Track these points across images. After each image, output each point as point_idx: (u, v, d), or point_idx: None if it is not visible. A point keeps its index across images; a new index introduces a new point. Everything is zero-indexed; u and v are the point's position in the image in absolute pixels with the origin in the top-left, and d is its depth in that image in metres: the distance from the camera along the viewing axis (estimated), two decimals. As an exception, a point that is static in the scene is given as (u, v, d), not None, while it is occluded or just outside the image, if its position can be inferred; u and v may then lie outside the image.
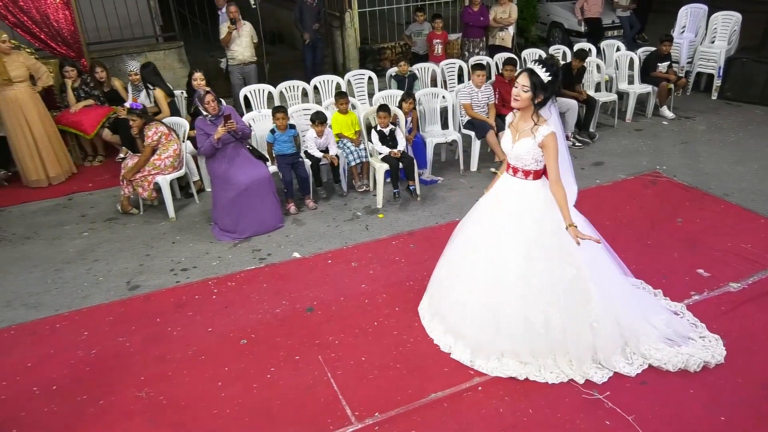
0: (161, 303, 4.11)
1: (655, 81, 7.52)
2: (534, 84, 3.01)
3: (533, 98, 3.03)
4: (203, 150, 4.90)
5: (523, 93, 3.04)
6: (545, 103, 3.06)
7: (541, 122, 3.05)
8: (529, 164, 3.16)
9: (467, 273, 3.39)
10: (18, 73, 5.73)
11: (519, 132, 3.16)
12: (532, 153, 3.10)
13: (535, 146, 3.07)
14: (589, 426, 2.95)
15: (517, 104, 3.10)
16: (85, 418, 3.12)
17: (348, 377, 3.33)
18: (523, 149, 3.11)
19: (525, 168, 3.19)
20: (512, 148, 3.18)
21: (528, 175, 3.20)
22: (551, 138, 3.01)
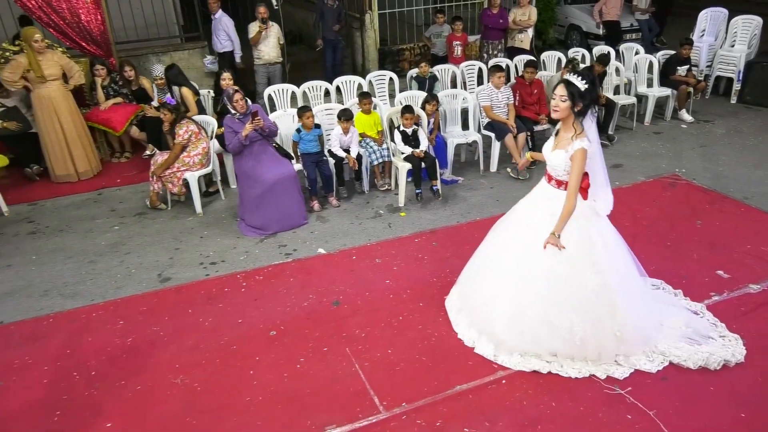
0: (192, 295, 4.25)
1: (674, 84, 7.56)
2: (571, 93, 3.08)
3: (572, 107, 3.10)
4: (231, 147, 5.04)
5: (561, 103, 3.11)
6: (586, 112, 3.13)
7: (579, 135, 3.11)
8: (561, 175, 3.23)
9: (497, 272, 3.48)
10: (52, 71, 5.90)
11: (558, 141, 3.23)
12: (564, 165, 3.17)
13: (567, 159, 3.14)
14: (611, 419, 3.03)
15: (556, 114, 3.16)
16: (124, 402, 3.26)
17: (375, 368, 3.44)
18: (557, 160, 3.19)
19: (558, 177, 3.26)
20: (549, 156, 3.26)
21: (560, 185, 3.27)
22: (580, 153, 3.08)
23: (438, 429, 3.01)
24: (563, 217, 3.16)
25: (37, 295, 4.33)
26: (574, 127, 3.14)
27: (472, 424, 3.03)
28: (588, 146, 3.10)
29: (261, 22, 7.28)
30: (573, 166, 3.11)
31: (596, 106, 3.22)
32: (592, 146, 3.14)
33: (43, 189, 6.15)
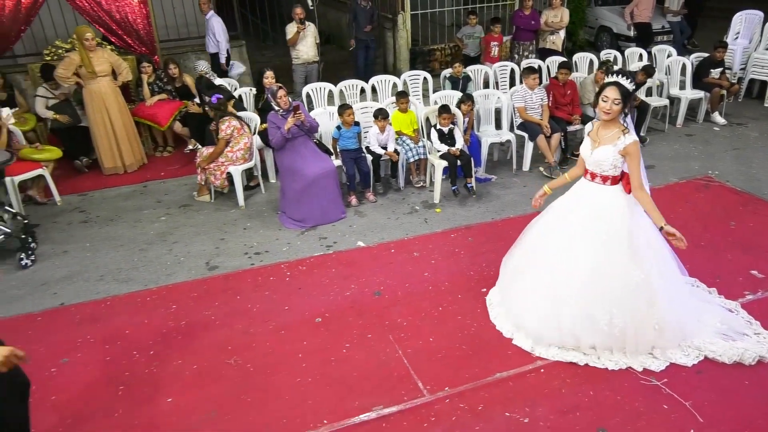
0: (240, 282, 4.46)
1: (707, 87, 7.57)
2: (624, 95, 3.19)
3: (623, 107, 3.22)
4: (275, 142, 5.24)
5: (615, 106, 3.20)
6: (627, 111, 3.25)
7: (625, 131, 3.23)
8: (607, 170, 3.35)
9: (535, 267, 3.61)
10: (102, 68, 6.17)
11: (600, 139, 3.34)
12: (612, 160, 3.28)
13: (616, 153, 3.25)
14: (647, 409, 3.14)
15: (608, 117, 3.24)
16: (182, 380, 3.47)
17: (417, 355, 3.60)
18: (602, 155, 3.30)
19: (603, 173, 3.37)
20: (591, 155, 3.37)
21: (606, 181, 3.38)
22: (634, 146, 3.20)
23: (480, 413, 3.16)
24: (652, 211, 3.23)
25: (93, 279, 4.58)
26: (619, 125, 3.26)
27: (513, 409, 3.17)
28: (636, 138, 3.23)
29: (299, 23, 7.48)
30: (631, 160, 3.22)
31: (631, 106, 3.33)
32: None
33: (91, 180, 6.43)
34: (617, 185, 3.39)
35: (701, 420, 3.05)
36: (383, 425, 3.10)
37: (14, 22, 6.63)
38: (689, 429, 3.01)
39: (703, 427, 3.02)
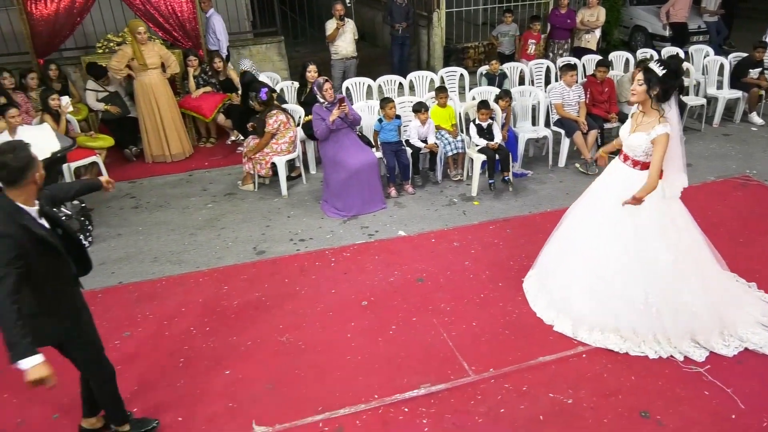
0: (287, 267, 4.64)
1: (745, 87, 7.54)
2: (648, 79, 3.30)
3: (648, 91, 3.32)
4: (319, 133, 5.41)
5: (638, 86, 3.34)
6: (667, 97, 3.34)
7: (662, 120, 3.33)
8: (639, 155, 3.45)
9: (575, 252, 3.73)
10: (153, 60, 6.42)
11: (638, 124, 3.45)
12: (644, 146, 3.39)
13: (648, 141, 3.36)
14: (689, 395, 3.23)
15: (633, 98, 3.39)
16: (238, 354, 3.66)
17: (462, 338, 3.74)
18: (636, 141, 3.41)
19: (635, 158, 3.48)
20: (627, 138, 3.48)
21: (636, 165, 3.49)
22: (663, 138, 3.29)
23: (524, 393, 3.28)
24: (645, 189, 3.34)
25: (148, 261, 4.81)
26: (656, 110, 3.35)
27: (556, 391, 3.29)
28: (670, 131, 3.31)
29: (339, 19, 7.65)
30: (656, 149, 3.31)
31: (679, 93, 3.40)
32: (674, 131, 3.35)
33: (139, 169, 6.70)
34: (646, 171, 3.46)
35: (742, 406, 3.14)
36: (431, 401, 3.25)
37: (69, 17, 6.93)
38: (731, 414, 3.10)
39: (744, 413, 3.10)
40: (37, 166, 2.45)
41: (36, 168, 2.44)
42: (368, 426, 3.10)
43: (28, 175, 2.39)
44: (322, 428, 3.09)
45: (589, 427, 3.06)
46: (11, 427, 3.19)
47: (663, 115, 3.34)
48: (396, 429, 3.08)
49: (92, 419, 3.05)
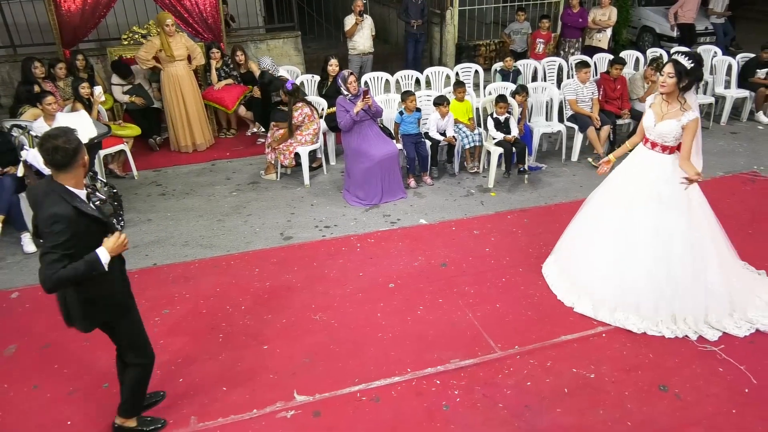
0: (314, 251, 4.83)
1: (753, 87, 7.73)
2: (678, 72, 3.49)
3: (678, 83, 3.51)
4: (343, 124, 5.59)
5: (669, 79, 3.53)
6: (690, 87, 3.53)
7: (687, 107, 3.52)
8: (669, 141, 3.64)
9: (599, 233, 3.92)
10: (180, 52, 6.59)
11: (663, 113, 3.63)
12: (675, 133, 3.58)
13: (679, 127, 3.55)
14: (704, 371, 3.43)
15: (664, 89, 3.58)
16: (274, 331, 3.85)
17: (486, 318, 3.93)
18: (667, 128, 3.59)
19: (665, 143, 3.66)
20: (655, 127, 3.66)
21: (665, 150, 3.68)
22: (695, 122, 3.49)
23: (549, 368, 3.47)
24: (689, 169, 3.56)
25: (179, 244, 4.99)
26: (679, 100, 3.54)
27: (579, 367, 3.48)
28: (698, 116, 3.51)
29: (358, 15, 7.83)
30: (687, 134, 3.51)
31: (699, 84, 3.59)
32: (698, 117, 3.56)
33: (164, 158, 6.88)
34: (674, 154, 3.66)
35: (755, 381, 3.33)
36: (461, 374, 3.44)
37: (95, 10, 7.10)
38: (744, 389, 3.29)
39: (757, 387, 3.29)
40: (83, 150, 2.57)
41: (84, 152, 2.57)
42: (403, 396, 3.28)
43: (78, 158, 2.52)
44: (359, 398, 3.28)
45: (611, 399, 3.24)
46: (63, 396, 3.37)
47: (686, 103, 3.53)
48: (429, 399, 3.26)
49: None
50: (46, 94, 5.20)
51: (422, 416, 3.15)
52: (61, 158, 2.47)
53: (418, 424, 3.10)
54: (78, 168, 2.56)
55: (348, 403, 3.25)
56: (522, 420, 3.12)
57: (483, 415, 3.15)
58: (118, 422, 3.09)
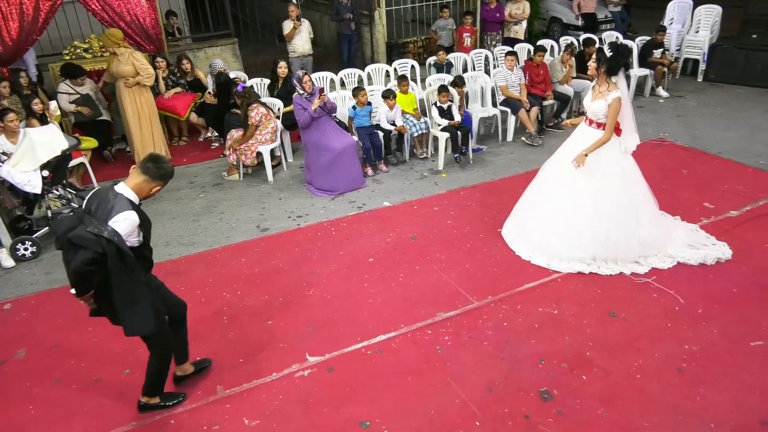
0: (293, 238, 5.21)
1: (651, 65, 8.82)
2: (598, 59, 4.19)
3: (598, 68, 4.21)
4: (302, 121, 5.99)
5: (592, 63, 4.22)
6: (615, 72, 4.22)
7: (612, 88, 4.21)
8: (600, 118, 4.32)
9: (549, 200, 4.57)
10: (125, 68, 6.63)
11: (597, 94, 4.32)
12: (603, 111, 4.27)
13: (606, 106, 4.24)
14: (643, 298, 4.15)
15: (590, 72, 4.28)
16: (274, 308, 4.22)
17: (460, 277, 4.49)
18: (597, 107, 4.28)
19: (598, 120, 4.35)
20: (590, 105, 4.35)
21: (600, 126, 4.36)
22: (617, 101, 4.19)
23: (519, 310, 4.08)
24: (596, 144, 4.26)
25: (161, 245, 5.21)
26: (607, 82, 4.24)
27: (544, 306, 4.11)
28: (621, 96, 4.21)
29: (296, 20, 8.21)
30: (610, 111, 4.21)
31: (626, 69, 4.31)
32: (624, 98, 4.25)
33: (120, 169, 6.94)
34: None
35: (682, 301, 4.09)
36: (447, 324, 3.97)
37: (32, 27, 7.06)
38: (674, 307, 4.04)
39: (684, 305, 4.05)
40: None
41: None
42: (402, 346, 3.78)
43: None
44: (365, 353, 3.74)
45: (573, 327, 3.89)
46: (88, 383, 3.60)
47: (615, 86, 4.23)
48: (425, 346, 3.77)
49: (184, 366, 3.50)
50: (8, 112, 5.25)
51: (422, 360, 3.66)
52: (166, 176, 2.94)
53: (420, 366, 3.60)
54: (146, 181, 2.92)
55: (356, 358, 3.70)
56: (505, 352, 3.70)
57: (472, 353, 3.70)
58: (143, 400, 3.38)
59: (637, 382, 3.41)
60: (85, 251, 2.68)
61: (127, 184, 2.87)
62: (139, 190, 2.87)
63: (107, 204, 2.78)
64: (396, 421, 3.20)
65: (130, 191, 2.86)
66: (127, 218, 2.76)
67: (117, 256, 2.72)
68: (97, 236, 2.68)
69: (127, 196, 2.84)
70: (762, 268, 4.42)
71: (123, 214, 2.75)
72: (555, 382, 3.43)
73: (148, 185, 2.88)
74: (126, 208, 2.77)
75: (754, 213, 5.24)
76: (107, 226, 2.72)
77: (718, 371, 3.46)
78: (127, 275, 2.81)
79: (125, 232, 2.76)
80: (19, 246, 5.01)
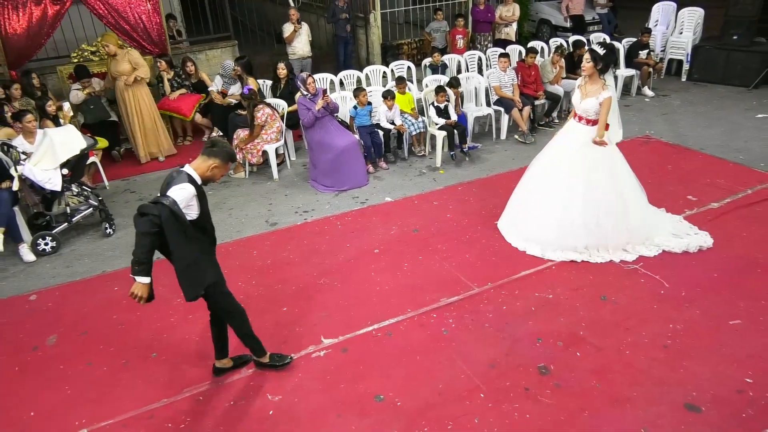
0: (301, 232, 5.49)
1: (637, 66, 9.19)
2: (594, 58, 4.51)
3: (595, 66, 4.52)
4: (306, 121, 6.28)
5: (587, 64, 4.54)
6: (606, 70, 4.55)
7: (605, 87, 4.54)
8: (591, 115, 4.64)
9: (542, 193, 4.88)
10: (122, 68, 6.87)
11: (587, 92, 4.63)
12: (594, 109, 4.59)
13: (597, 104, 4.56)
14: (632, 282, 4.48)
15: (585, 72, 4.58)
16: (288, 296, 4.50)
17: (461, 266, 4.79)
18: (588, 105, 4.60)
19: (588, 117, 4.67)
20: (580, 104, 4.66)
21: (589, 123, 4.69)
22: (608, 100, 4.51)
23: (517, 295, 4.39)
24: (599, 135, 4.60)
25: (174, 239, 5.45)
26: (600, 80, 4.56)
27: (539, 291, 4.42)
28: (612, 94, 4.54)
29: (296, 23, 8.48)
30: (603, 109, 4.53)
31: (614, 67, 4.63)
32: (613, 94, 4.58)
33: (127, 168, 7.21)
34: (596, 125, 4.69)
35: (667, 285, 4.42)
36: (451, 308, 4.27)
37: (40, 30, 7.29)
38: (660, 291, 4.37)
39: (669, 289, 4.38)
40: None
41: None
42: (410, 328, 4.07)
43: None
44: (375, 335, 4.03)
45: (567, 310, 4.21)
46: (119, 366, 3.86)
47: (605, 84, 4.55)
48: (431, 328, 4.07)
49: (224, 360, 3.74)
50: (26, 113, 5.47)
51: (429, 341, 3.96)
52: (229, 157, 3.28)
53: (427, 346, 3.90)
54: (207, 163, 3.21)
55: (367, 339, 3.99)
56: (505, 333, 4.00)
57: (475, 333, 4.01)
58: (256, 358, 3.70)
59: (626, 358, 3.73)
60: (146, 216, 2.99)
61: (191, 165, 3.19)
62: (198, 167, 3.18)
63: (171, 180, 3.12)
64: (407, 394, 3.50)
65: (192, 169, 3.18)
66: (183, 188, 3.06)
67: (172, 218, 3.01)
68: (155, 203, 3.02)
69: (188, 172, 3.16)
70: (740, 255, 4.77)
71: (180, 185, 3.07)
72: (551, 358, 3.74)
73: (205, 163, 3.18)
74: (183, 181, 3.09)
75: (734, 205, 5.59)
76: (167, 196, 3.03)
77: (699, 347, 3.79)
78: (183, 240, 3.09)
79: (181, 200, 3.04)
80: (40, 241, 5.25)
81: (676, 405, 3.35)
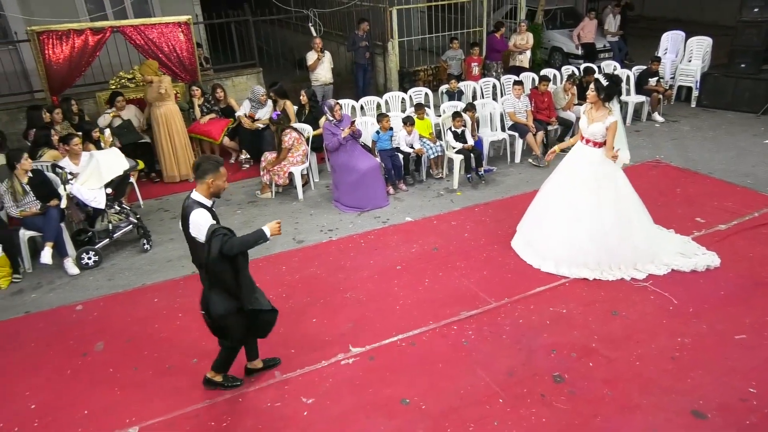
0: (327, 249, 5.81)
1: (647, 93, 9.51)
2: (597, 88, 4.84)
3: (598, 95, 4.86)
4: (331, 146, 6.64)
5: (591, 92, 4.88)
6: (610, 99, 4.88)
7: (611, 113, 4.86)
8: (598, 138, 4.97)
9: (553, 212, 5.18)
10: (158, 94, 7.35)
11: (593, 118, 4.96)
12: (601, 132, 4.91)
13: (604, 128, 4.88)
14: (641, 298, 4.73)
15: (590, 99, 4.92)
16: (316, 308, 4.80)
17: (479, 282, 5.07)
18: (596, 129, 4.92)
19: (595, 140, 4.99)
20: (587, 128, 4.98)
21: (596, 145, 5.01)
22: (614, 124, 4.84)
23: (532, 309, 4.66)
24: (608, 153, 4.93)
25: (208, 255, 5.79)
26: (606, 107, 4.89)
27: (554, 306, 4.69)
28: (618, 119, 4.87)
29: (319, 51, 8.93)
30: (610, 133, 4.86)
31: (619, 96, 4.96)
32: (619, 120, 4.91)
33: (160, 188, 7.61)
34: (603, 147, 5.00)
35: (675, 301, 4.66)
36: (471, 321, 4.55)
37: (81, 58, 7.78)
38: (669, 307, 4.61)
39: (677, 305, 4.63)
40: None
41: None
42: (432, 339, 4.35)
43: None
44: (400, 344, 4.31)
45: (580, 323, 4.46)
46: (163, 370, 4.17)
47: (610, 110, 4.88)
48: (452, 339, 4.35)
49: (254, 361, 4.06)
50: (72, 137, 5.90)
51: (450, 350, 4.23)
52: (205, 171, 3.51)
53: (448, 356, 4.17)
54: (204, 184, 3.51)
55: (393, 348, 4.27)
56: (521, 344, 4.27)
57: (493, 344, 4.27)
58: (209, 375, 3.95)
59: (636, 368, 3.97)
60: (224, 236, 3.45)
61: (195, 191, 3.54)
62: (201, 191, 3.53)
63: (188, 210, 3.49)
64: (431, 398, 3.77)
65: (198, 195, 3.53)
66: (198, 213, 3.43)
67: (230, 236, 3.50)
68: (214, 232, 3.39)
69: (196, 199, 3.51)
70: (747, 274, 5.01)
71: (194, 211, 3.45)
72: (566, 367, 4.00)
73: (203, 184, 3.52)
74: (195, 208, 3.47)
75: (741, 227, 5.84)
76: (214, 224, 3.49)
77: (706, 359, 4.02)
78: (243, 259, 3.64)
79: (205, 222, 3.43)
80: (83, 255, 5.61)
81: (683, 412, 3.59)
